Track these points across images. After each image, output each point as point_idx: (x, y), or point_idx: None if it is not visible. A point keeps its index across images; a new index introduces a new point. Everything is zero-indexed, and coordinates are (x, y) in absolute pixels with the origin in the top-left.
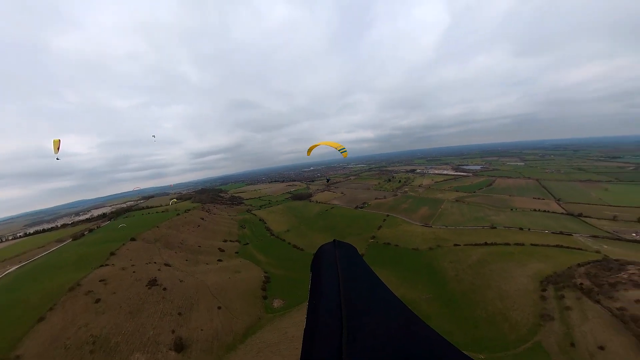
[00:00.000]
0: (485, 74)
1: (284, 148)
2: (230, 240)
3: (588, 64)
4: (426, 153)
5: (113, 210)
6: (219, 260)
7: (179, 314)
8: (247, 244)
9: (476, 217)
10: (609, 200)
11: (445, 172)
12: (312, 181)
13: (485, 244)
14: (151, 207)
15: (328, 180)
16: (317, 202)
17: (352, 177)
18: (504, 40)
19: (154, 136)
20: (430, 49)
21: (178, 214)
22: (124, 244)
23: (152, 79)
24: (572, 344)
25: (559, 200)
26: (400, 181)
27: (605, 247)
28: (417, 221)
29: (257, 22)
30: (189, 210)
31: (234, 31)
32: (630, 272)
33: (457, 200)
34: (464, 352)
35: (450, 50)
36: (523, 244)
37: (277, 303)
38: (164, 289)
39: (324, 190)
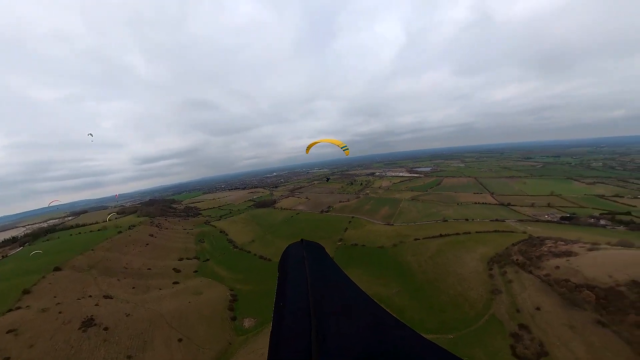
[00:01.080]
0: (433, 88)
1: (246, 153)
2: (187, 258)
3: (509, 85)
4: (384, 157)
5: (29, 231)
6: (175, 282)
7: (129, 357)
8: (208, 260)
9: (430, 212)
10: (527, 191)
11: (401, 174)
12: (276, 187)
13: (440, 235)
14: (84, 225)
15: (328, 179)
16: (281, 208)
17: (315, 182)
18: (448, 61)
19: (90, 135)
20: (388, 62)
21: (120, 232)
22: (44, 277)
23: (89, 67)
24: (518, 310)
25: (492, 193)
26: (361, 184)
27: (529, 228)
28: (380, 220)
29: (221, 17)
30: (134, 226)
31: (195, 23)
32: (549, 245)
33: (413, 199)
34: (435, 335)
35: (405, 65)
36: (470, 233)
37: (248, 322)
38: (105, 328)
39: (288, 197)
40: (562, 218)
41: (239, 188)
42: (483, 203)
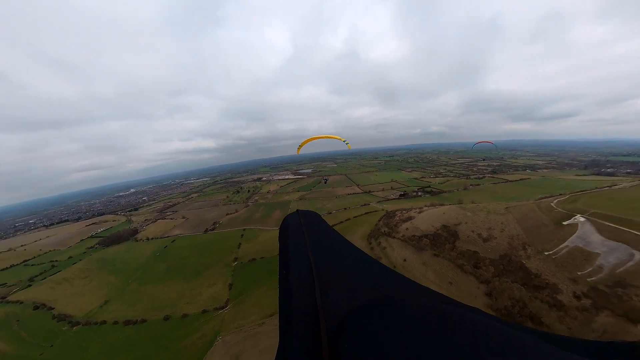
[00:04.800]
0: (312, 101)
1: (76, 161)
2: None
3: (363, 107)
4: (269, 162)
5: None
6: None
7: None
8: None
9: (316, 208)
10: (378, 180)
11: (287, 176)
12: (136, 209)
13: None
14: None
15: (326, 181)
16: (148, 239)
17: (194, 195)
18: (325, 80)
19: None
20: (274, 69)
21: None
22: None
23: None
24: (394, 266)
25: (358, 185)
26: (249, 191)
27: (385, 206)
28: (274, 226)
29: None
30: None
31: None
32: (398, 216)
33: (300, 199)
34: None
35: (290, 76)
36: (350, 219)
37: None
38: None
39: (156, 220)
40: (400, 195)
41: (67, 220)
42: (354, 193)
